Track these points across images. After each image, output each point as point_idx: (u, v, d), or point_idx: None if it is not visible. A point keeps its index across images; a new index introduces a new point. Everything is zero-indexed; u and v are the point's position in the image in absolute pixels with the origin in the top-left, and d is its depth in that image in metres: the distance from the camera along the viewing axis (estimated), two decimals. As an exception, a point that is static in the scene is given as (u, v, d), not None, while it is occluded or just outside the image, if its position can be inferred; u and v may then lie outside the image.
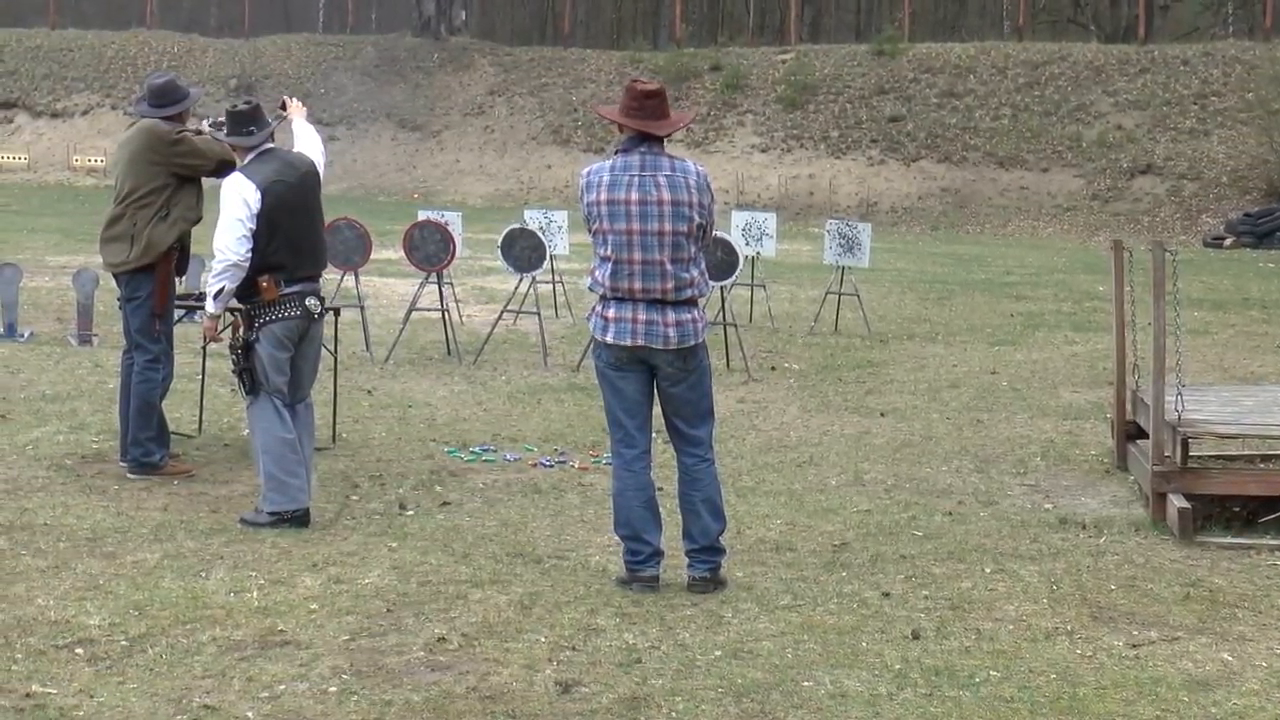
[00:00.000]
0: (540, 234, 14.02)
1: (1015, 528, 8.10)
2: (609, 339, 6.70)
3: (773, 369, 14.08)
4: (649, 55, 51.54)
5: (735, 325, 14.10)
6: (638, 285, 6.64)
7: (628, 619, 6.30)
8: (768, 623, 6.29)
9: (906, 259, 28.64)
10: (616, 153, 6.79)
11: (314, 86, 50.08)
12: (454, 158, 48.26)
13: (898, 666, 5.76)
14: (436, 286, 14.47)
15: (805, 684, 5.54)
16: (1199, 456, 8.29)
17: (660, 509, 6.93)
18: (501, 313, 14.60)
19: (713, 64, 48.49)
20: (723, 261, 13.56)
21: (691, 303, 6.73)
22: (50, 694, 5.29)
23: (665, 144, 6.78)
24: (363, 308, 14.47)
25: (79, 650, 5.76)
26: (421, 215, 15.17)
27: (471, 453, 9.82)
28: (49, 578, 6.70)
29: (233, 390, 11.57)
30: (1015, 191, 41.03)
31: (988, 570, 7.18)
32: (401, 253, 15.06)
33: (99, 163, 48.10)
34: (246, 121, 8.16)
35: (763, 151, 44.44)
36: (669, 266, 6.62)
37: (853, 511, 8.44)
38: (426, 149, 48.77)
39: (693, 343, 6.71)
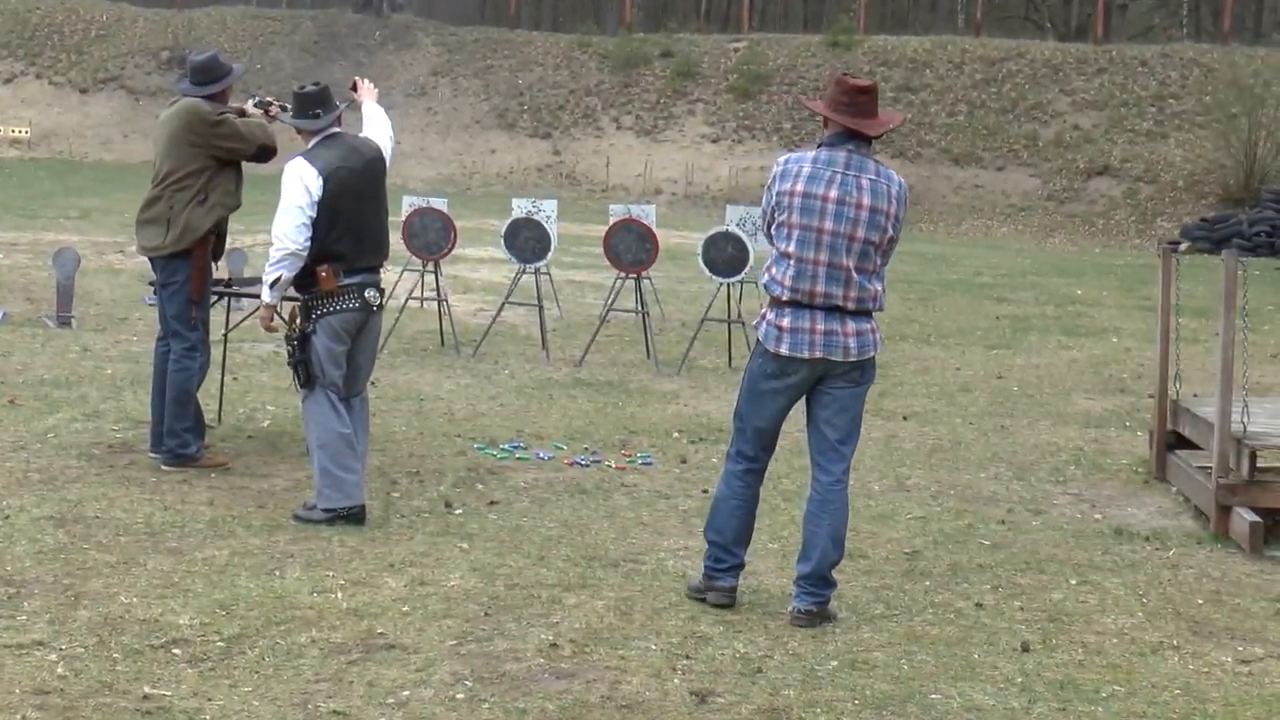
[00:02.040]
0: (544, 225, 13.77)
1: (1077, 538, 8.08)
2: (783, 351, 6.33)
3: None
4: (598, 39, 51.09)
5: (742, 322, 13.75)
6: (819, 289, 6.28)
7: (732, 627, 6.22)
8: (871, 632, 6.24)
9: (867, 255, 28.56)
10: (819, 146, 6.42)
11: (250, 61, 49.22)
12: (395, 139, 47.78)
13: (1019, 680, 5.72)
14: (434, 276, 14.31)
15: (934, 696, 5.49)
16: (1264, 470, 8.29)
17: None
18: (503, 305, 14.39)
19: (663, 50, 48.06)
20: (733, 258, 13.44)
21: (868, 313, 6.41)
22: (166, 695, 5.16)
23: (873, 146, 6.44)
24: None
25: (175, 650, 5.64)
26: (412, 203, 14.59)
27: (503, 450, 9.68)
28: (122, 574, 6.55)
29: (235, 378, 11.39)
30: (969, 190, 41.00)
31: (1073, 582, 7.17)
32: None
33: (23, 134, 46.99)
34: (313, 104, 7.95)
35: (713, 142, 44.13)
36: (854, 275, 6.28)
37: (908, 518, 8.39)
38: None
39: (872, 354, 6.41)
